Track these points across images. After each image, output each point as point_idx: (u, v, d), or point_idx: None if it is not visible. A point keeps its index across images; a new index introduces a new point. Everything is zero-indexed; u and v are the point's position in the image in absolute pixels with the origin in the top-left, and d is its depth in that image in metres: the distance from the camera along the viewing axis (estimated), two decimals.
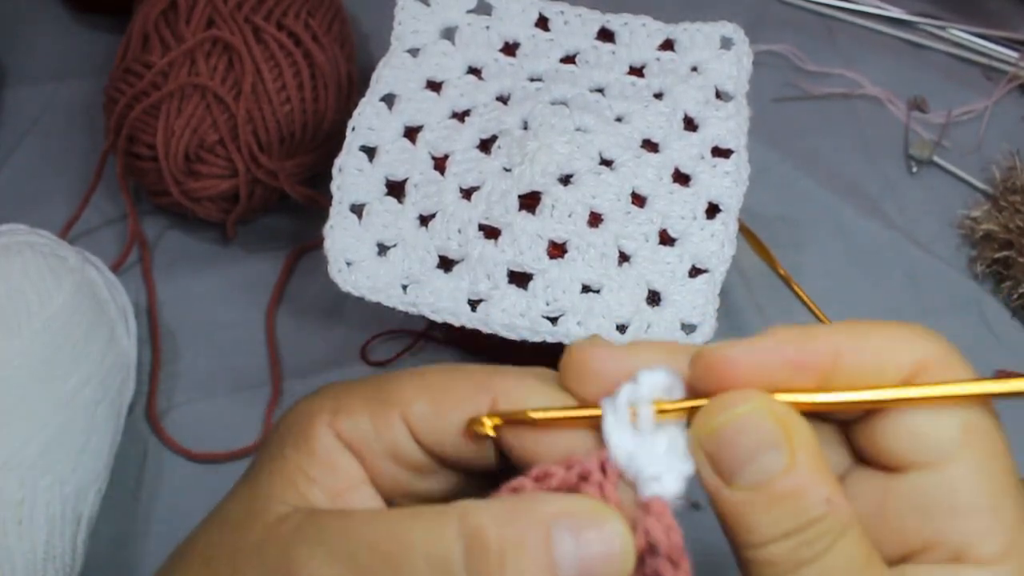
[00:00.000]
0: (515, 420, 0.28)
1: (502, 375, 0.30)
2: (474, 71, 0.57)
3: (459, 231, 0.51)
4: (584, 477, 0.28)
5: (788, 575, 0.26)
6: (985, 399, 0.28)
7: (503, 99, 0.56)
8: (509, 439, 0.29)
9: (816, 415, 0.28)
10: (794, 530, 0.26)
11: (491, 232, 0.51)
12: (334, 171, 0.53)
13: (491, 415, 0.28)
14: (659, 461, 0.28)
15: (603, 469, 0.28)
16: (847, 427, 0.30)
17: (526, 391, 0.29)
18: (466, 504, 0.27)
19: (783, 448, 0.26)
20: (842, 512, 0.26)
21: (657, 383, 0.28)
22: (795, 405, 0.27)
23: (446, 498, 0.29)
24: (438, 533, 0.26)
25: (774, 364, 0.27)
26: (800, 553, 0.26)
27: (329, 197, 0.52)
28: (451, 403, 0.29)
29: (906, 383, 0.28)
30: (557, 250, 0.51)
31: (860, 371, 0.28)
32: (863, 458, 0.29)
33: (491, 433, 0.28)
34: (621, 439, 0.28)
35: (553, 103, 0.54)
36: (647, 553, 0.27)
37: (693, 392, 0.28)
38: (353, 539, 0.27)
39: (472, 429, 0.28)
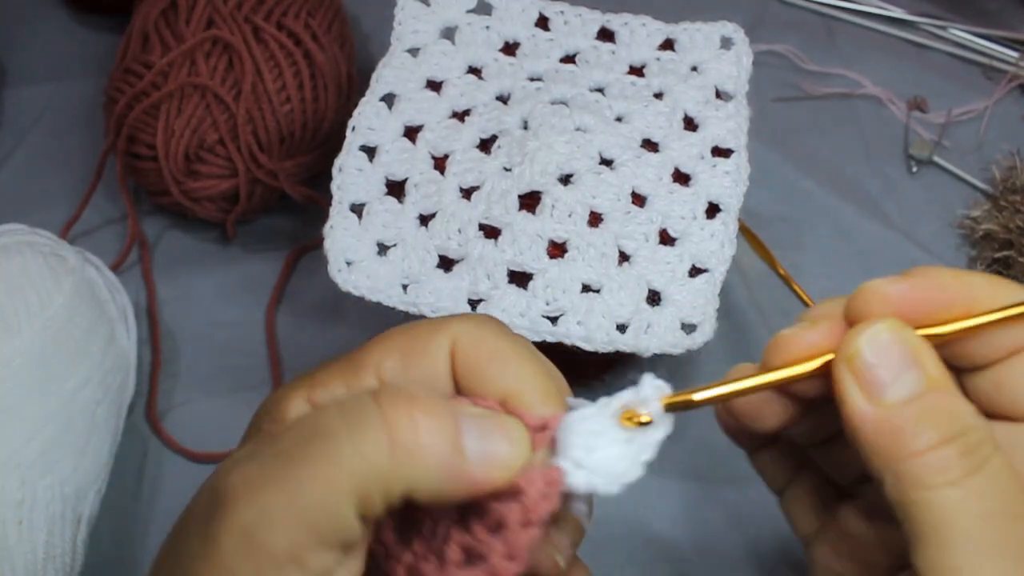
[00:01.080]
0: (680, 406, 0.30)
1: (458, 319, 0.31)
2: (474, 71, 0.57)
3: (459, 231, 0.51)
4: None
5: (959, 484, 0.27)
6: None
7: (503, 99, 0.56)
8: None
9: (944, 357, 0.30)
10: (956, 435, 0.27)
11: (491, 232, 0.51)
12: (334, 171, 0.53)
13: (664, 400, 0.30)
14: (594, 453, 0.29)
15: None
16: (966, 384, 0.31)
17: (482, 332, 0.31)
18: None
19: (920, 367, 0.28)
20: (989, 427, 0.28)
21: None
22: (938, 336, 0.29)
23: None
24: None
25: (924, 299, 0.30)
26: (968, 460, 0.27)
27: (329, 197, 0.52)
28: (417, 354, 0.31)
29: None
30: (557, 250, 0.51)
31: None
32: (981, 411, 0.30)
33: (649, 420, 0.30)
34: (587, 415, 0.29)
35: (553, 103, 0.54)
36: (508, 500, 0.28)
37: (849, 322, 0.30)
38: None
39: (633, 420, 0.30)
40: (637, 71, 0.57)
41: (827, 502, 0.35)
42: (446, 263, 0.51)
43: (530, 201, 0.51)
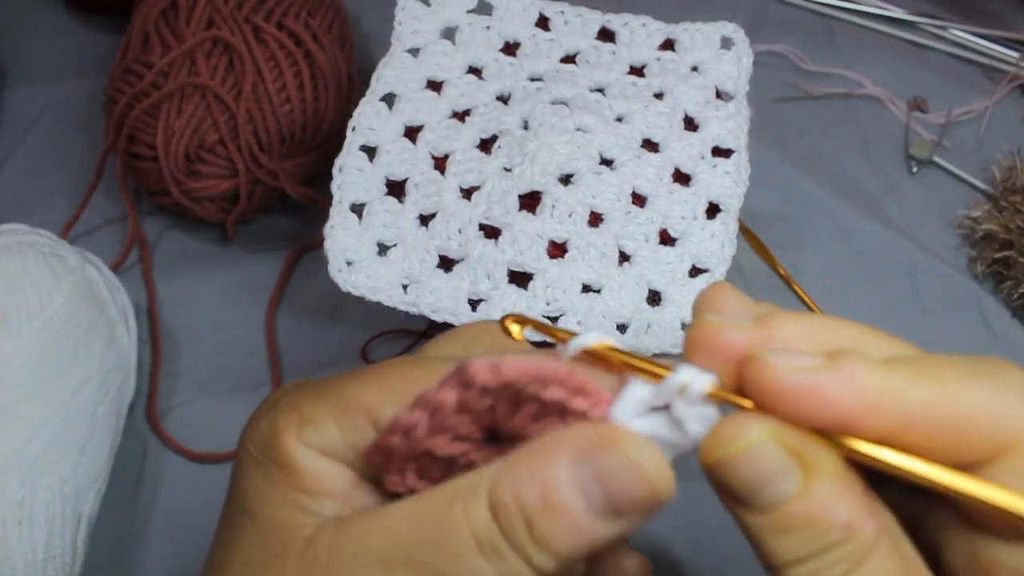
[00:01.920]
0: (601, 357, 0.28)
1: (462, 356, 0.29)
2: (474, 71, 0.57)
3: (459, 231, 0.51)
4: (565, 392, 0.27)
5: None
6: None
7: (503, 99, 0.56)
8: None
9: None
10: (812, 555, 0.26)
11: (491, 232, 0.51)
12: (334, 171, 0.53)
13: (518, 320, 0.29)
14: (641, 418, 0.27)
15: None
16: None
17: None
18: (492, 472, 0.27)
19: (796, 475, 0.26)
20: (865, 534, 0.26)
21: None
22: (858, 454, 0.26)
23: None
24: (477, 512, 0.26)
25: (852, 405, 0.25)
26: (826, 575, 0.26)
27: (329, 197, 0.52)
28: None
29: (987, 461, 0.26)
30: (557, 250, 0.51)
31: (939, 439, 0.26)
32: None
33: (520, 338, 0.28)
34: (638, 393, 0.27)
35: (553, 103, 0.54)
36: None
37: (738, 386, 0.27)
38: (402, 539, 0.27)
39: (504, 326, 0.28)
40: (637, 71, 0.57)
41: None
42: (446, 263, 0.51)
43: (530, 201, 0.51)
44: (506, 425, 0.28)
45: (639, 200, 0.52)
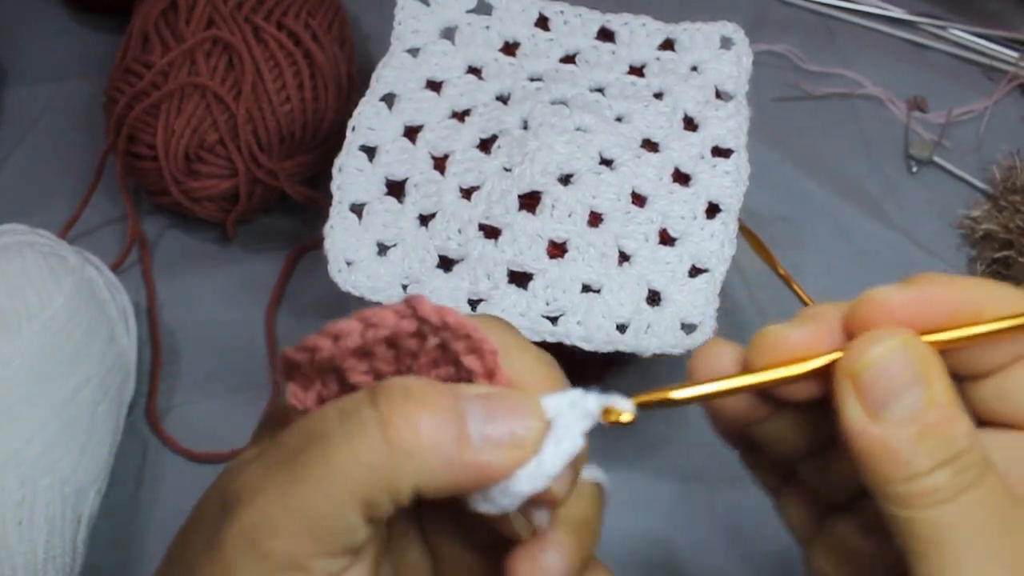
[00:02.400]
0: (658, 403, 0.29)
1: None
2: (474, 71, 0.57)
3: (459, 231, 0.51)
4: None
5: (950, 502, 0.27)
6: None
7: (503, 99, 0.56)
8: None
9: (949, 365, 0.30)
10: (949, 459, 0.27)
11: (491, 232, 0.51)
12: (334, 171, 0.53)
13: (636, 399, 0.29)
14: (561, 444, 0.28)
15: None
16: (968, 390, 0.31)
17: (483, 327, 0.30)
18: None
19: (925, 383, 0.28)
20: (983, 448, 0.28)
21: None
22: (944, 344, 0.29)
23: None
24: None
25: (929, 308, 0.29)
26: (957, 481, 0.27)
27: (329, 197, 0.52)
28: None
29: None
30: (557, 250, 0.51)
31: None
32: (984, 419, 0.30)
33: (631, 419, 0.28)
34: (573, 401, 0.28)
35: (553, 103, 0.54)
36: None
37: (848, 334, 0.30)
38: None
39: (610, 420, 0.28)
40: (637, 71, 0.57)
41: (822, 510, 0.35)
42: (446, 263, 0.51)
43: (530, 201, 0.51)
44: (410, 371, 0.29)
45: (639, 200, 0.52)
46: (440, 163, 0.53)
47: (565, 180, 0.52)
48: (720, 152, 0.54)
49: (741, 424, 0.33)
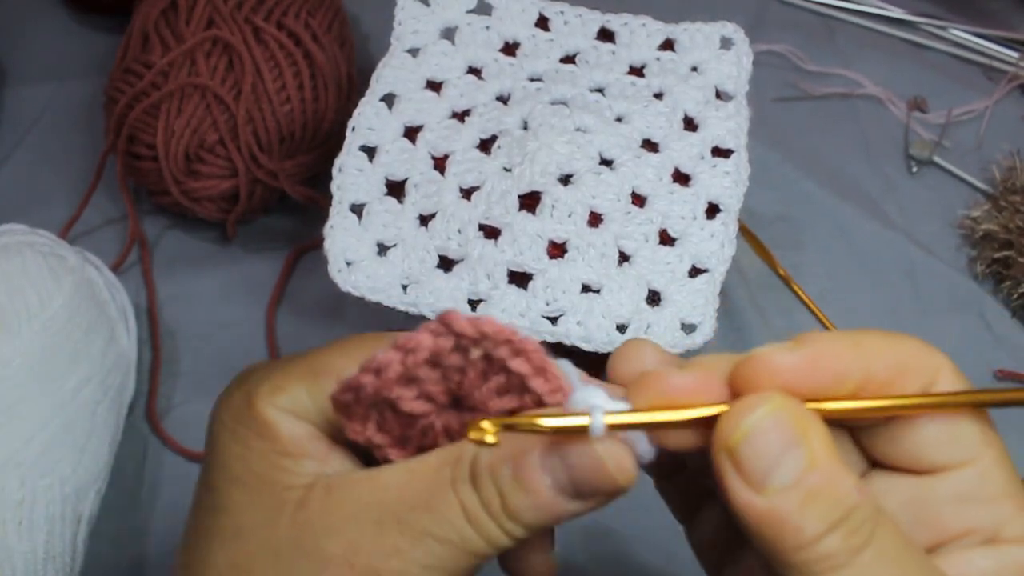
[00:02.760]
0: (522, 429, 0.28)
1: None
2: (474, 71, 0.57)
3: (459, 231, 0.51)
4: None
5: (845, 568, 0.27)
6: (991, 406, 0.30)
7: (503, 99, 0.56)
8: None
9: (834, 422, 0.29)
10: (840, 520, 0.27)
11: (491, 232, 0.51)
12: (334, 171, 0.53)
13: (494, 421, 0.27)
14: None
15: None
16: (860, 434, 0.31)
17: None
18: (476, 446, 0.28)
19: (804, 445, 0.27)
20: (872, 500, 0.27)
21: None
22: (832, 412, 0.28)
23: None
24: (462, 481, 0.29)
25: (814, 371, 0.28)
26: (851, 542, 0.27)
27: (329, 197, 0.52)
28: None
29: (925, 392, 0.29)
30: (557, 250, 0.51)
31: (887, 382, 0.29)
32: (879, 462, 0.30)
33: (495, 441, 0.27)
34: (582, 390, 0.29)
35: (553, 103, 0.54)
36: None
37: (732, 392, 0.29)
38: (393, 501, 0.29)
39: (472, 437, 0.27)
40: (637, 71, 0.57)
41: (732, 544, 0.33)
42: (446, 263, 0.51)
43: (530, 201, 0.51)
44: (471, 394, 0.29)
45: (639, 200, 0.52)
46: (440, 163, 0.53)
47: (565, 180, 0.52)
48: (720, 152, 0.54)
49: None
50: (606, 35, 0.58)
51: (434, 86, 0.56)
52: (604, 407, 0.28)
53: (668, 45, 0.58)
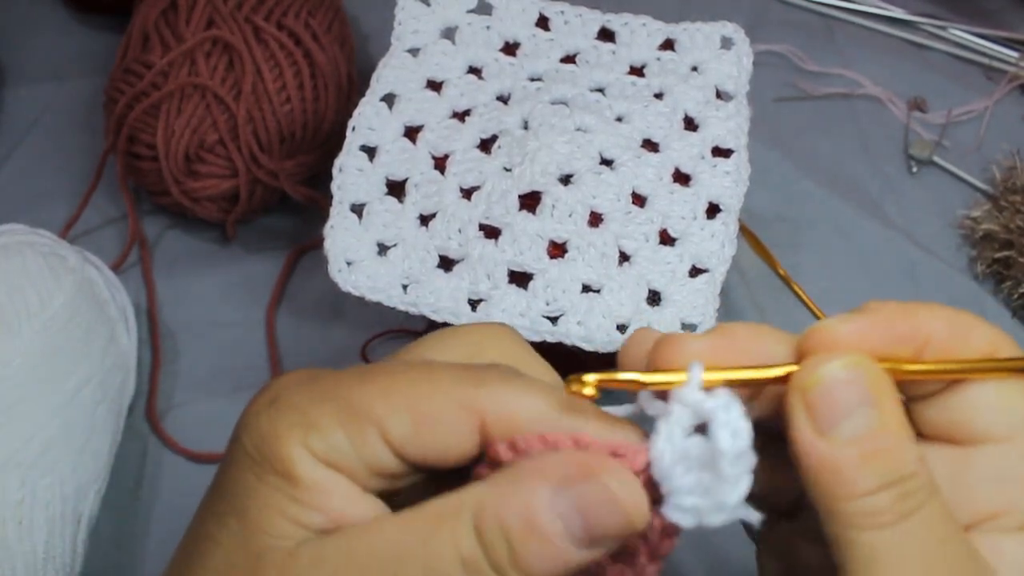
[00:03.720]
0: (621, 385, 0.29)
1: (488, 389, 0.29)
2: (474, 71, 0.57)
3: (459, 231, 0.51)
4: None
5: (890, 527, 0.27)
6: None
7: (503, 99, 0.56)
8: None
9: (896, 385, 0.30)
10: (895, 482, 0.27)
11: (491, 232, 0.51)
12: (334, 171, 0.53)
13: (597, 378, 0.28)
14: (694, 489, 0.27)
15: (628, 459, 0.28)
16: (911, 405, 0.31)
17: (517, 406, 0.28)
18: (477, 493, 0.27)
19: (877, 406, 0.28)
20: (930, 474, 0.28)
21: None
22: (897, 372, 0.29)
23: (427, 485, 0.29)
24: (463, 532, 0.27)
25: (878, 336, 0.29)
26: (902, 505, 0.27)
27: (329, 197, 0.52)
28: (432, 423, 0.28)
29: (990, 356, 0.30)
30: (557, 250, 0.51)
31: (947, 348, 0.29)
32: (926, 434, 0.31)
33: (593, 394, 0.28)
34: (673, 441, 0.27)
35: (553, 103, 0.54)
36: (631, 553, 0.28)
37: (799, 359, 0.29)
38: (388, 555, 0.27)
39: (573, 390, 0.28)
40: (637, 71, 0.57)
41: (771, 518, 0.33)
42: (446, 263, 0.51)
43: (530, 201, 0.51)
44: None
45: (639, 200, 0.52)
46: (440, 163, 0.53)
47: (565, 180, 0.52)
48: (720, 152, 0.54)
49: None
50: (606, 35, 0.58)
51: (434, 86, 0.56)
52: (700, 370, 0.28)
53: (668, 45, 0.58)
